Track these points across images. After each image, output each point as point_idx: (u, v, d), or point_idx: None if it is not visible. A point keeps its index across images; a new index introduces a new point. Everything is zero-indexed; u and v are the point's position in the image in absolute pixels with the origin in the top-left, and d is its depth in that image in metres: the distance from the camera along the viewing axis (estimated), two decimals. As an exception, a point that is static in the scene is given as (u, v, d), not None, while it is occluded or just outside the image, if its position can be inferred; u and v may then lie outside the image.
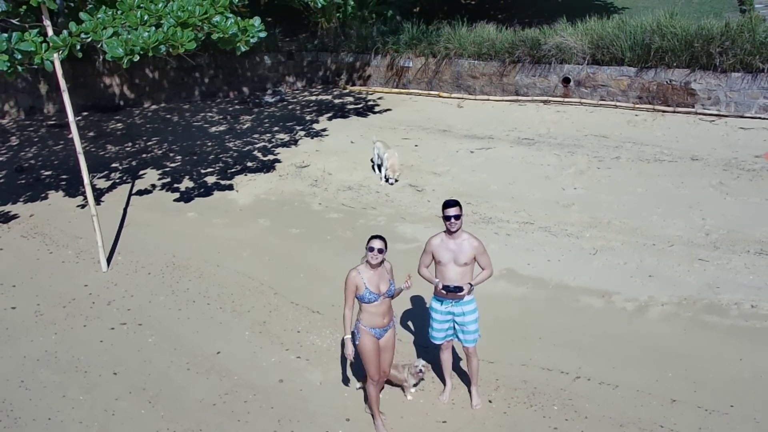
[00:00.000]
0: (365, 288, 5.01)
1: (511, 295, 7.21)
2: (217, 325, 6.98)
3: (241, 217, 9.80)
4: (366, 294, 5.02)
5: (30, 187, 11.45)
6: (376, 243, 5.01)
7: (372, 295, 5.03)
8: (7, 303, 7.62)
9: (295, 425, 5.44)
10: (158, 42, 7.69)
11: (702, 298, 6.83)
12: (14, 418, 5.72)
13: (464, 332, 5.37)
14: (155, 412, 5.69)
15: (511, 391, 5.67)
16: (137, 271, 8.25)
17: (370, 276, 5.02)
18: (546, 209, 9.23)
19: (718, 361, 5.87)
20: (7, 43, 7.80)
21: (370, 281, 5.02)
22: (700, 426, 5.13)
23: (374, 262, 5.03)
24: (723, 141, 11.12)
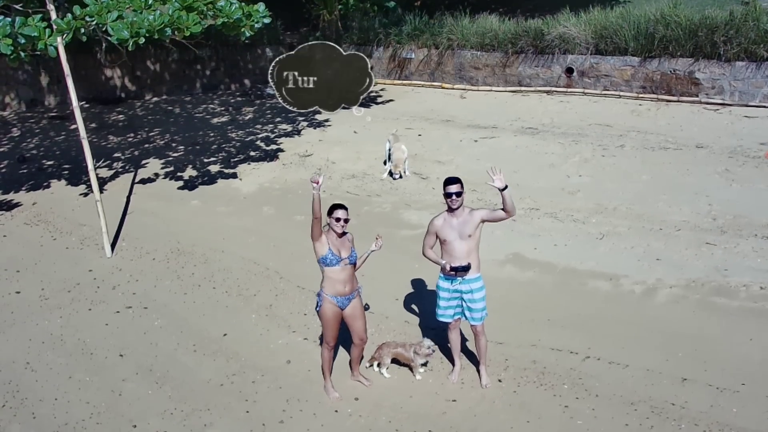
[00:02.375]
0: (328, 249, 5.01)
1: (518, 279, 7.19)
2: (223, 309, 6.95)
3: (246, 204, 9.77)
4: (328, 255, 5.05)
5: (32, 177, 11.41)
6: (341, 212, 5.03)
7: (334, 257, 5.06)
8: (11, 288, 7.58)
9: (304, 405, 5.41)
10: (164, 25, 7.67)
11: (710, 281, 6.80)
12: (21, 399, 5.68)
13: (471, 310, 5.34)
14: (162, 393, 5.66)
15: (521, 371, 5.65)
16: (142, 256, 8.22)
17: (333, 241, 5.01)
18: (551, 196, 9.20)
19: (727, 342, 5.85)
20: (10, 27, 7.76)
21: (333, 245, 5.02)
22: (711, 404, 5.10)
23: (338, 232, 5.04)
24: (727, 129, 11.10)
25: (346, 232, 5.28)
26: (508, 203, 5.02)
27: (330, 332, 5.35)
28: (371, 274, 6.34)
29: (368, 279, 6.13)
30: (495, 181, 5.02)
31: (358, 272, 5.35)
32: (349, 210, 5.26)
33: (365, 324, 5.48)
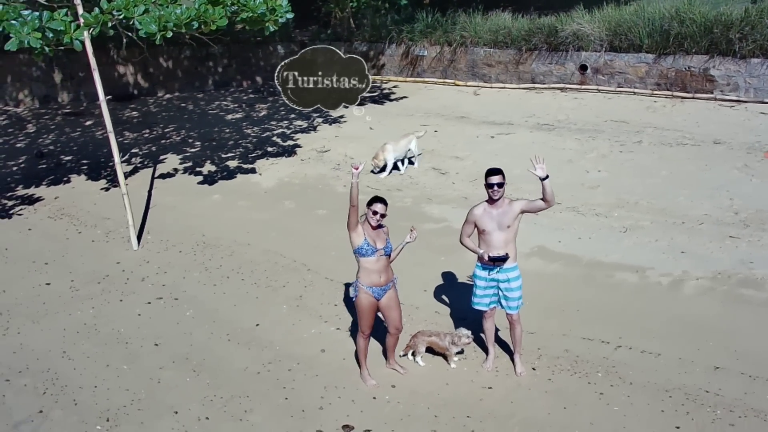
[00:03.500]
0: (364, 239, 5.10)
1: (544, 271, 7.29)
2: (253, 300, 7.05)
3: (266, 199, 9.87)
4: (364, 245, 5.14)
5: (51, 172, 11.51)
6: (379, 205, 5.11)
7: (369, 247, 5.15)
8: (41, 279, 7.68)
9: (341, 392, 5.50)
10: (191, 18, 7.76)
11: (736, 273, 6.90)
12: (60, 386, 5.78)
13: (508, 299, 5.44)
14: (200, 380, 5.76)
15: (554, 360, 5.74)
16: (168, 249, 8.32)
17: (369, 231, 5.10)
18: (571, 191, 9.29)
19: (757, 332, 5.95)
20: (39, 21, 7.85)
21: (369, 236, 5.10)
22: (746, 391, 5.20)
23: (374, 225, 5.14)
24: (744, 126, 11.20)
25: (383, 225, 5.36)
26: (548, 192, 5.12)
27: (365, 322, 5.44)
28: (398, 267, 6.41)
29: (396, 271, 6.22)
30: (537, 169, 5.11)
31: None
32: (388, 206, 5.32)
33: (401, 314, 5.58)
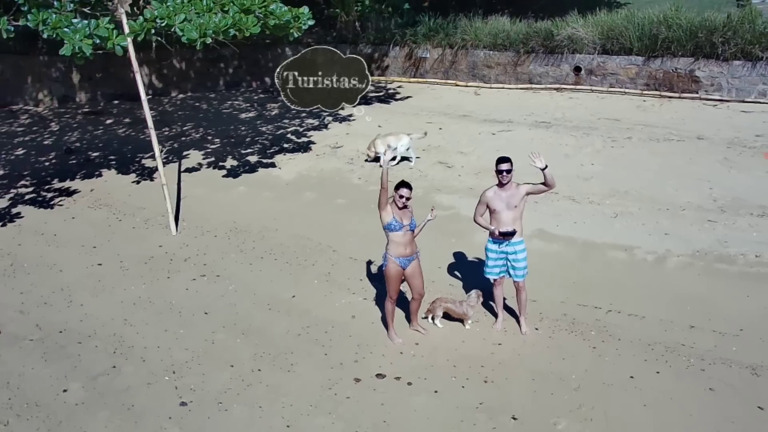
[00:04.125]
0: (392, 217, 6.11)
1: (544, 250, 8.31)
2: (287, 276, 8.05)
3: (288, 190, 10.86)
4: (392, 222, 6.14)
5: (82, 167, 12.47)
6: (405, 190, 6.12)
7: (397, 223, 6.14)
8: (93, 260, 8.66)
9: (372, 348, 6.51)
10: (227, 26, 8.75)
11: (713, 251, 7.96)
12: (127, 346, 6.77)
13: (515, 268, 6.46)
14: (249, 341, 6.76)
15: (554, 322, 6.77)
16: (204, 234, 9.30)
17: (396, 211, 6.13)
18: (568, 182, 10.30)
19: (728, 298, 7.00)
20: (88, 29, 8.84)
21: (397, 214, 6.12)
22: (715, 344, 6.25)
23: (400, 206, 6.15)
24: (726, 123, 12.28)
25: (407, 206, 6.36)
26: (549, 178, 6.15)
27: (393, 287, 6.46)
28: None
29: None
30: (536, 162, 6.14)
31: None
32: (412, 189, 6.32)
33: (423, 282, 6.59)
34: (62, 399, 6.08)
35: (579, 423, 5.42)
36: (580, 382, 5.91)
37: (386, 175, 6.18)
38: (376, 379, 6.09)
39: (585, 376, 5.96)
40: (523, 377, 6.02)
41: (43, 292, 7.97)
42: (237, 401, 5.90)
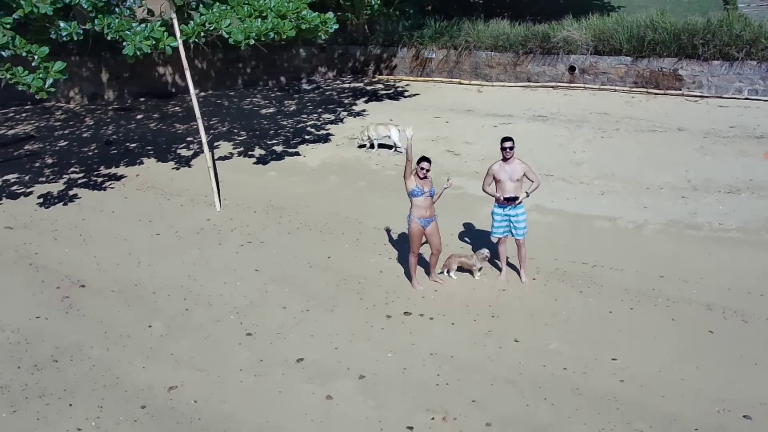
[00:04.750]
0: (415, 185, 7.66)
1: (541, 221, 9.86)
2: (321, 242, 9.60)
3: (314, 175, 12.41)
4: (416, 189, 7.68)
5: (123, 156, 14.00)
6: (426, 164, 7.68)
7: (419, 190, 7.69)
8: (151, 231, 10.21)
9: (400, 294, 8.06)
10: (268, 30, 10.31)
11: (683, 220, 9.53)
12: (195, 295, 8.31)
13: (516, 228, 8.02)
14: (296, 291, 8.30)
15: (548, 274, 8.33)
16: (244, 210, 10.85)
17: (418, 180, 7.69)
18: (561, 167, 11.89)
19: (693, 256, 8.56)
20: (146, 32, 10.39)
21: (419, 183, 7.67)
22: (680, 288, 7.80)
23: (422, 176, 7.69)
24: (705, 117, 13.87)
25: (427, 177, 7.90)
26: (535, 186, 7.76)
27: (415, 244, 8.00)
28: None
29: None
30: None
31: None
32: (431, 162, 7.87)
33: (440, 240, 8.14)
34: (149, 333, 7.62)
35: (567, 344, 6.97)
36: (568, 316, 7.47)
37: (410, 150, 7.73)
38: (404, 316, 7.64)
39: (572, 312, 7.52)
40: (523, 313, 7.58)
41: (114, 256, 9.50)
42: (292, 332, 7.45)
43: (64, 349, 7.37)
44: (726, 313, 7.30)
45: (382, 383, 6.51)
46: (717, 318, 7.24)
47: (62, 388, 6.73)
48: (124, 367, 7.01)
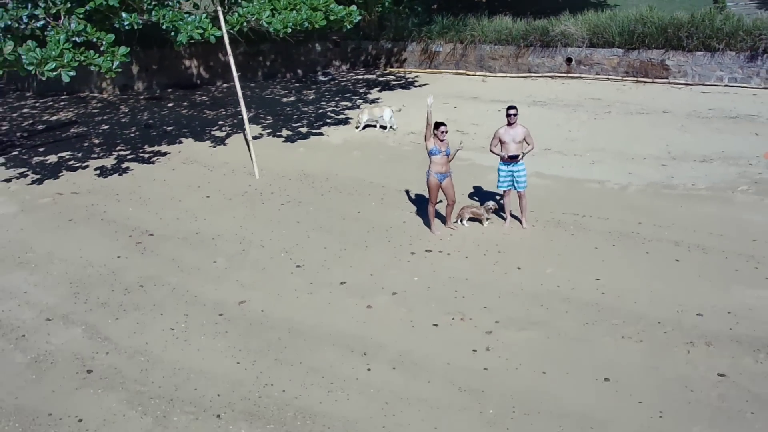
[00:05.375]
0: (434, 145, 9.43)
1: (540, 184, 11.64)
2: (351, 201, 11.37)
3: (338, 150, 14.20)
4: (434, 149, 9.45)
5: (163, 137, 15.78)
6: (443, 127, 9.46)
7: (437, 150, 9.45)
8: (202, 194, 11.98)
9: (422, 237, 9.82)
10: (303, 20, 12.10)
11: (662, 182, 11.32)
12: (248, 240, 10.06)
13: (518, 182, 9.79)
14: (334, 236, 10.07)
15: (545, 222, 10.10)
16: (280, 178, 12.63)
17: (437, 141, 9.44)
18: (558, 143, 13.67)
19: (668, 208, 10.32)
20: (196, 22, 12.17)
21: (437, 144, 9.44)
22: (654, 231, 9.58)
23: (442, 138, 9.47)
24: (687, 101, 15.68)
25: (444, 139, 9.68)
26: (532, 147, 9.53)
27: (433, 195, 9.77)
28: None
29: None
30: None
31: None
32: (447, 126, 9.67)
33: (454, 192, 9.91)
34: (215, 266, 9.39)
35: (560, 270, 8.74)
36: (561, 251, 9.24)
37: (430, 116, 9.51)
38: (426, 253, 9.41)
39: (565, 248, 9.30)
40: (524, 249, 9.36)
41: (173, 213, 11.28)
42: (334, 265, 9.22)
43: (146, 278, 9.13)
44: (690, 247, 9.07)
45: (410, 297, 8.28)
46: (682, 251, 9.01)
47: (151, 303, 8.49)
48: (199, 289, 8.77)
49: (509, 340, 7.31)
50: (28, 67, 10.57)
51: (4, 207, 11.92)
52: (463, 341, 7.31)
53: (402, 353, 7.18)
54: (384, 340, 7.42)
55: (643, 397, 6.30)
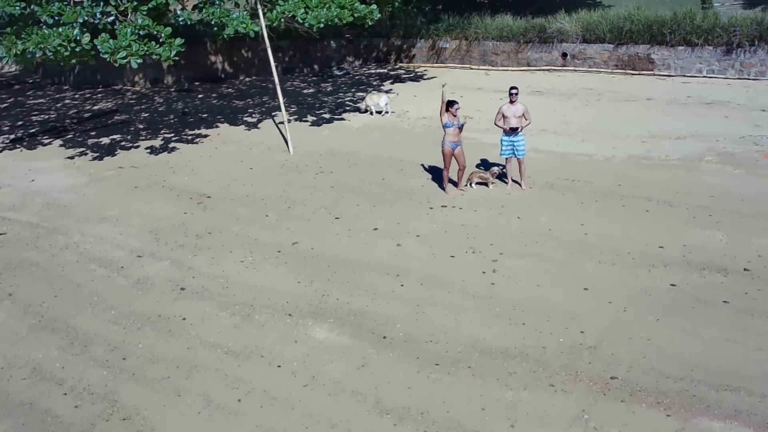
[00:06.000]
0: (448, 120, 11.65)
1: (537, 158, 13.84)
2: (375, 171, 13.57)
3: (359, 133, 16.43)
4: (449, 123, 11.67)
5: (200, 123, 18.00)
6: (456, 105, 11.68)
7: (450, 123, 11.67)
8: (245, 167, 14.19)
9: (437, 196, 12.02)
10: (333, 17, 14.34)
11: (641, 155, 13.54)
12: (292, 201, 12.27)
13: (518, 150, 12.01)
14: (364, 197, 12.27)
15: (541, 186, 12.31)
16: (312, 154, 14.84)
17: (450, 116, 11.66)
18: (553, 125, 15.90)
19: (644, 174, 12.53)
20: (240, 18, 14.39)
21: (449, 118, 11.67)
22: (631, 191, 11.80)
23: (456, 114, 11.69)
24: (670, 90, 17.93)
25: (456, 114, 11.90)
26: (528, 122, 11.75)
27: (447, 161, 11.98)
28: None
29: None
30: None
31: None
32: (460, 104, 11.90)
33: (464, 159, 12.14)
34: (267, 220, 11.60)
35: (551, 219, 10.93)
36: (553, 205, 11.44)
37: (444, 95, 11.74)
38: (441, 208, 11.62)
39: (556, 204, 11.51)
40: (523, 206, 11.56)
41: (223, 181, 13.49)
42: (366, 217, 11.42)
43: (212, 227, 11.34)
44: (659, 202, 11.29)
45: (431, 237, 10.49)
46: (652, 204, 11.22)
47: (220, 245, 10.70)
48: (258, 234, 10.98)
49: (511, 265, 9.52)
50: (104, 56, 12.79)
51: (75, 178, 14.12)
52: (474, 266, 9.52)
53: (427, 275, 9.38)
54: (412, 267, 9.62)
55: (612, 300, 8.50)
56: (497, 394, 6.93)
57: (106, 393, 7.29)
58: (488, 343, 7.76)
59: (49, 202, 12.87)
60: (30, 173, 14.66)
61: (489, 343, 7.76)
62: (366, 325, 8.25)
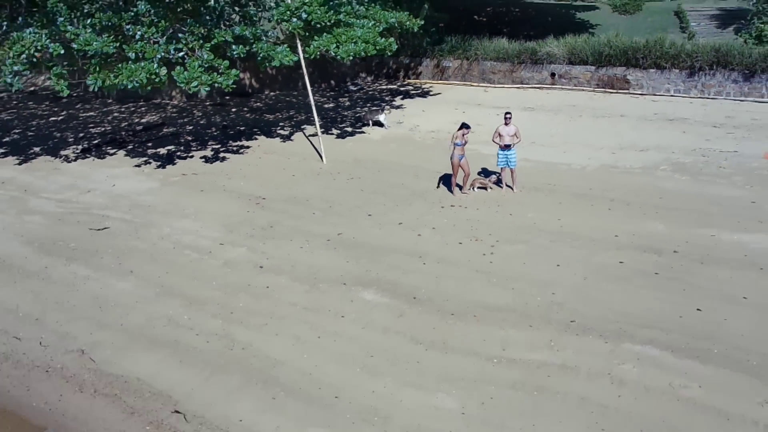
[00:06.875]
0: (459, 140, 15.24)
1: (526, 166, 17.43)
2: (396, 176, 17.14)
3: (378, 144, 20.02)
4: (459, 142, 15.27)
5: (239, 135, 21.58)
6: (466, 129, 15.30)
7: (460, 142, 15.26)
8: (289, 174, 17.76)
9: (447, 198, 15.60)
10: (360, 51, 17.92)
11: (611, 164, 17.16)
12: (331, 201, 15.85)
13: (511, 161, 15.62)
14: (388, 197, 15.83)
15: (529, 189, 15.90)
16: (341, 163, 18.42)
17: (460, 136, 15.27)
18: (541, 138, 19.51)
19: (612, 180, 16.12)
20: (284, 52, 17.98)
21: (459, 138, 15.27)
22: (600, 193, 15.42)
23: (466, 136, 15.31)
24: (641, 107, 21.58)
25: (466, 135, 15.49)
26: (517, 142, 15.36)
27: (455, 170, 15.59)
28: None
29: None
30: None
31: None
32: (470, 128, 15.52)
33: (469, 168, 15.74)
34: (314, 216, 15.16)
35: (537, 214, 14.53)
36: (538, 204, 15.02)
37: (454, 138, 15.35)
38: (451, 206, 15.21)
39: (541, 202, 15.10)
40: (516, 203, 15.16)
41: (272, 185, 17.03)
42: (392, 214, 14.97)
43: (272, 222, 14.90)
44: (620, 202, 14.87)
45: (443, 229, 14.07)
46: (614, 203, 14.81)
47: (282, 235, 14.26)
48: (309, 227, 14.53)
49: (505, 249, 13.13)
50: (180, 84, 16.34)
51: (148, 183, 17.68)
52: (477, 250, 13.11)
53: (442, 257, 12.96)
54: (429, 251, 13.20)
55: (576, 272, 12.09)
56: (494, 332, 10.52)
57: (225, 334, 10.85)
58: (488, 302, 11.34)
59: (134, 203, 16.41)
60: (108, 179, 18.19)
61: (488, 302, 11.34)
62: (400, 290, 11.82)
